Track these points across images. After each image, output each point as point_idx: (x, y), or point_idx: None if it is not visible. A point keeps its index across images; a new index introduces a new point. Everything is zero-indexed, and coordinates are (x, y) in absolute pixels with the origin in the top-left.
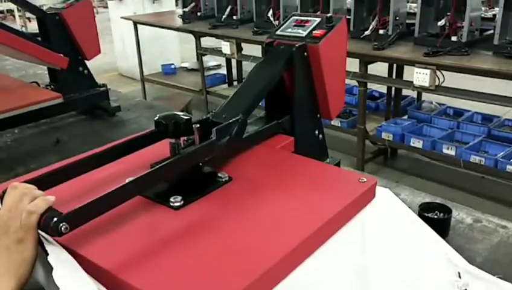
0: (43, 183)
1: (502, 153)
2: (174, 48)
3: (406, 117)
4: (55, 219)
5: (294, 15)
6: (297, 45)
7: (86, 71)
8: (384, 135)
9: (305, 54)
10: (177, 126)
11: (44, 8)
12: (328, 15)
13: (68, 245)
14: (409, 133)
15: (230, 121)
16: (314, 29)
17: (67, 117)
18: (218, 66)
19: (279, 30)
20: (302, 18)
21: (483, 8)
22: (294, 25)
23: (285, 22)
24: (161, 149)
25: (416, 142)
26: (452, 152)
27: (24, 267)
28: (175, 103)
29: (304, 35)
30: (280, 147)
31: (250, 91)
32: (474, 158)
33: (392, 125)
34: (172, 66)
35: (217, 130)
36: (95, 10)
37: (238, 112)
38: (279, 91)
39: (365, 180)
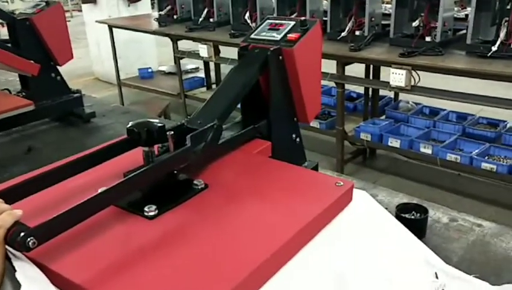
0: (11, 195)
1: (476, 151)
2: (151, 52)
3: (383, 117)
4: (22, 234)
5: (268, 18)
6: (272, 49)
7: (58, 77)
8: (362, 136)
9: (280, 57)
10: (150, 134)
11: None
12: (302, 18)
13: (37, 259)
14: (386, 133)
15: (206, 127)
16: (288, 32)
17: (39, 124)
18: (196, 69)
19: (253, 34)
20: (277, 21)
21: (455, 9)
22: (269, 29)
23: (259, 26)
24: (135, 157)
25: (394, 142)
26: (429, 151)
27: None
28: (153, 108)
29: (278, 38)
30: (257, 151)
31: (226, 96)
32: (450, 156)
33: (370, 126)
34: (150, 70)
35: (191, 136)
36: (69, 14)
37: (213, 117)
38: (255, 95)
39: (342, 184)
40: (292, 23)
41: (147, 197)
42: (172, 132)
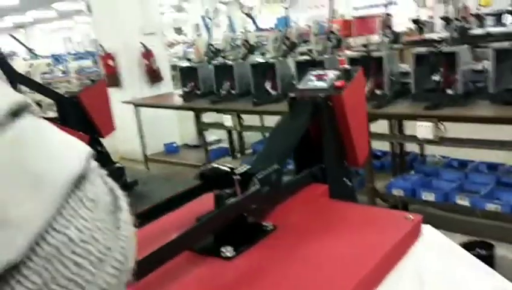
0: None
1: None
2: (173, 127)
3: (412, 172)
4: None
5: (311, 70)
6: (322, 96)
7: (102, 149)
8: (394, 191)
9: (330, 103)
10: (223, 177)
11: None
12: (346, 67)
13: None
14: (419, 187)
15: (270, 170)
16: (334, 80)
17: None
18: (219, 141)
19: (300, 85)
20: (320, 72)
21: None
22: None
23: (304, 78)
24: (202, 203)
25: (428, 196)
26: (466, 202)
27: None
28: (185, 178)
29: (325, 86)
30: (316, 195)
31: (280, 143)
32: (490, 206)
33: (401, 181)
34: (175, 145)
35: (258, 178)
36: None
37: (272, 162)
38: (305, 141)
39: (411, 217)
40: (336, 72)
41: (220, 240)
42: (239, 177)
